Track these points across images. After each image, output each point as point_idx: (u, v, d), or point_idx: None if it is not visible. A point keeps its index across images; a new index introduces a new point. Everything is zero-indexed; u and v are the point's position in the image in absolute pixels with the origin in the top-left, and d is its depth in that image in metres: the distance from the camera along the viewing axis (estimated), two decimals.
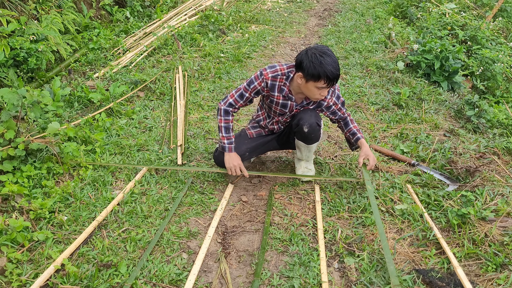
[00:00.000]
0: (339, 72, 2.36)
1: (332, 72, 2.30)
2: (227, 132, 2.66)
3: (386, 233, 2.41)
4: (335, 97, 2.65)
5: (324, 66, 2.29)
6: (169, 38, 5.36)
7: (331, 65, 2.30)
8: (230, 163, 2.67)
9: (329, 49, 2.38)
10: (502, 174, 2.91)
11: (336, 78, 2.35)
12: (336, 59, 2.35)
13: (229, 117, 2.65)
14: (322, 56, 2.30)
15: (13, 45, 3.77)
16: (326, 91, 2.43)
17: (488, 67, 4.87)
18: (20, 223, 2.20)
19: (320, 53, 2.32)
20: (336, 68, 2.32)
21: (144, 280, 2.05)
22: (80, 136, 3.11)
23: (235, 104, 2.63)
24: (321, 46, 2.39)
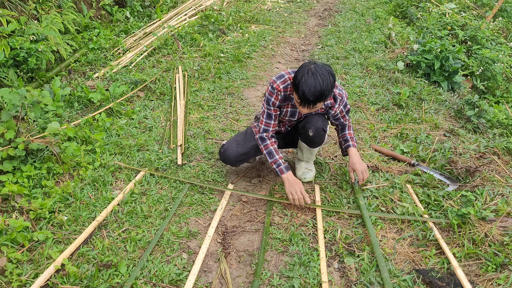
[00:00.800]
0: (313, 98, 2.21)
1: (304, 93, 2.21)
2: (272, 157, 2.57)
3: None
4: (342, 105, 2.59)
5: (302, 84, 2.22)
6: (169, 38, 5.36)
7: (308, 87, 2.20)
8: (290, 188, 2.52)
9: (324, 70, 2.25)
10: (502, 174, 2.91)
11: (308, 102, 2.24)
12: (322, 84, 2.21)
13: (267, 142, 2.58)
14: (308, 74, 2.22)
15: (13, 45, 3.77)
16: (305, 109, 2.33)
17: (488, 67, 4.87)
18: (20, 223, 2.20)
19: (312, 71, 2.23)
20: (310, 93, 2.20)
21: (144, 280, 2.05)
22: (80, 136, 3.11)
23: (268, 128, 2.57)
24: (321, 65, 2.29)
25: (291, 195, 2.52)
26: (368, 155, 3.17)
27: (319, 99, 2.24)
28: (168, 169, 2.96)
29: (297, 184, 2.54)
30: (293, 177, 2.56)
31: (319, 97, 2.23)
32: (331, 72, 2.28)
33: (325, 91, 2.23)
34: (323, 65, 2.29)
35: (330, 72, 2.27)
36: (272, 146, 2.59)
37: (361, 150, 3.24)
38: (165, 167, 2.97)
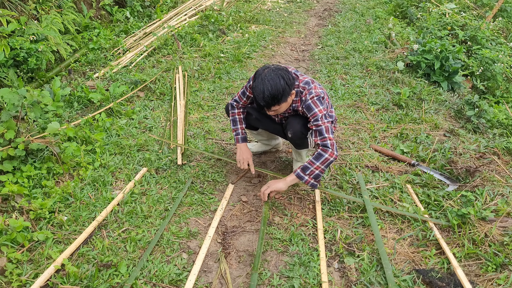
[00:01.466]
0: (263, 103, 2.27)
1: (256, 98, 2.30)
2: (234, 125, 2.76)
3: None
4: (305, 107, 2.41)
5: (253, 90, 2.31)
6: (169, 38, 5.36)
7: (257, 92, 2.27)
8: (239, 156, 2.74)
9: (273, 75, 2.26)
10: (502, 174, 2.91)
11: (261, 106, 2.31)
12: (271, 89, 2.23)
13: (235, 110, 2.75)
14: (258, 80, 2.28)
15: (13, 45, 3.77)
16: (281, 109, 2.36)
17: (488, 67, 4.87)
18: (20, 223, 2.20)
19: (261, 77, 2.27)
20: (260, 98, 2.26)
21: (144, 280, 2.05)
22: (80, 136, 3.11)
23: (239, 100, 2.72)
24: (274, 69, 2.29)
25: (238, 162, 2.75)
26: (368, 155, 3.17)
27: (271, 104, 2.28)
28: (168, 169, 2.95)
29: (246, 154, 2.74)
30: (245, 147, 2.75)
31: (269, 101, 2.27)
32: (283, 76, 2.27)
33: (276, 95, 2.25)
34: (276, 69, 2.29)
35: (281, 76, 2.26)
36: (238, 115, 2.75)
37: (361, 150, 3.24)
38: (165, 167, 2.97)
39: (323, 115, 2.37)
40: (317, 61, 5.24)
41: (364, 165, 3.05)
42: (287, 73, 2.31)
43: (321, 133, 2.37)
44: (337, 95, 4.22)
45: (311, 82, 2.46)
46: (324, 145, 2.35)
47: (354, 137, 3.46)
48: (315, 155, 2.37)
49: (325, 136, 2.36)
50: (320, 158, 2.35)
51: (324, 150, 2.35)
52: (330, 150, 2.34)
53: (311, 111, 2.39)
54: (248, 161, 2.74)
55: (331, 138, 2.35)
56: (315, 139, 2.40)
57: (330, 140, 2.35)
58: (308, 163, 2.37)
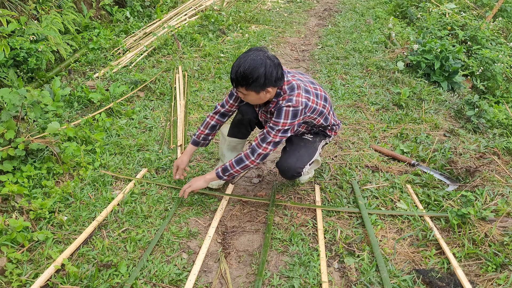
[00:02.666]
0: (233, 75, 2.17)
1: (232, 69, 2.19)
2: (201, 125, 2.62)
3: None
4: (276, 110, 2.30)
5: (235, 61, 2.20)
6: (169, 38, 5.36)
7: (235, 64, 2.17)
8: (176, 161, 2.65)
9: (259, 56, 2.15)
10: (502, 174, 2.91)
11: (232, 80, 2.21)
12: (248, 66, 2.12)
13: (210, 113, 2.61)
14: (243, 54, 2.19)
15: (13, 45, 3.77)
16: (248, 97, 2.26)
17: (488, 67, 4.87)
18: (20, 223, 2.20)
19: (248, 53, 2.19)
20: (234, 70, 2.16)
21: (144, 280, 2.05)
22: (80, 136, 3.11)
23: (225, 104, 2.57)
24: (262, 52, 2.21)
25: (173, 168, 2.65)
26: (368, 155, 3.17)
27: (239, 82, 2.16)
28: (168, 169, 2.95)
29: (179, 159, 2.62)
30: (185, 152, 2.63)
31: (239, 78, 2.14)
32: (266, 66, 2.13)
33: (247, 76, 2.12)
34: (266, 57, 2.17)
35: (265, 64, 2.13)
36: (208, 118, 2.60)
37: (361, 150, 3.24)
38: (165, 167, 2.97)
39: (283, 130, 2.27)
40: (317, 61, 5.24)
41: (364, 165, 3.05)
42: (274, 68, 2.17)
43: (263, 139, 2.30)
44: (337, 95, 4.22)
45: (297, 88, 2.28)
46: (252, 149, 2.33)
47: (354, 137, 3.46)
48: (237, 159, 2.35)
49: (262, 144, 2.30)
50: (241, 163, 2.35)
51: (247, 156, 2.33)
52: (252, 158, 2.32)
53: (278, 117, 2.26)
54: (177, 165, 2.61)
55: (265, 149, 2.30)
56: (255, 138, 2.35)
57: (261, 149, 2.30)
58: (229, 165, 2.37)
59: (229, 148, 2.75)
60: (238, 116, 2.62)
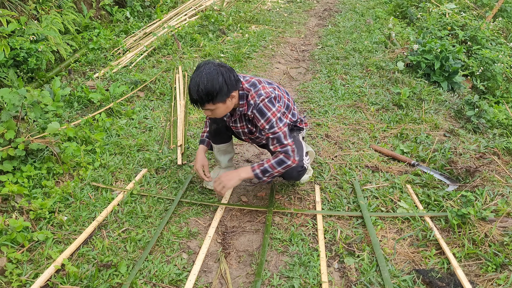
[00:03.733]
0: (196, 96, 2.12)
1: (189, 91, 2.14)
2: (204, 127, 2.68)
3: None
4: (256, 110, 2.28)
5: (189, 84, 2.15)
6: (169, 38, 5.36)
7: (192, 85, 2.13)
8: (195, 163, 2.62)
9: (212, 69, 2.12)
10: (502, 174, 2.91)
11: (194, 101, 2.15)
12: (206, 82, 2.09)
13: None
14: (195, 73, 2.15)
15: (13, 45, 3.77)
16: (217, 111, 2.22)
17: (488, 67, 4.87)
18: (20, 223, 2.20)
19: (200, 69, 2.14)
20: (194, 91, 2.12)
21: (144, 280, 2.05)
22: (80, 136, 3.11)
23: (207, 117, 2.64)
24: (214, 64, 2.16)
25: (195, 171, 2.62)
26: (368, 155, 3.17)
27: (205, 100, 2.12)
28: (168, 169, 2.95)
29: (199, 162, 2.59)
30: (200, 154, 2.61)
31: (203, 97, 2.11)
32: (223, 73, 2.13)
33: (210, 91, 2.10)
34: (218, 65, 2.16)
35: (221, 72, 2.13)
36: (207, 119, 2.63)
37: (361, 150, 3.24)
38: (165, 167, 2.97)
39: (278, 119, 2.26)
40: (317, 61, 5.24)
41: (364, 165, 3.05)
42: (230, 72, 2.17)
43: (279, 140, 2.28)
44: (337, 95, 4.22)
45: (258, 83, 2.31)
46: (286, 152, 2.29)
47: (354, 137, 3.46)
48: (278, 160, 2.29)
49: (284, 143, 2.28)
50: (282, 164, 2.30)
51: (287, 157, 2.29)
52: (293, 157, 2.29)
53: (264, 115, 2.25)
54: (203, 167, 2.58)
55: (290, 144, 2.28)
56: (274, 147, 2.30)
57: (290, 146, 2.28)
58: (269, 166, 2.30)
59: (221, 153, 2.75)
60: (213, 126, 2.59)
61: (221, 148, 2.72)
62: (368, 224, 2.42)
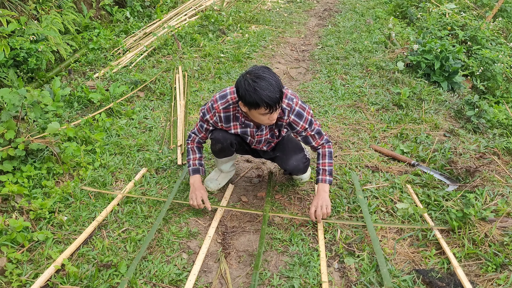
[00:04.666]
0: (278, 94, 2.07)
1: (269, 97, 2.04)
2: (187, 155, 2.55)
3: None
4: (294, 115, 2.29)
5: (259, 93, 2.03)
6: (169, 38, 5.36)
7: (267, 89, 2.04)
8: (192, 193, 2.50)
9: (265, 71, 2.10)
10: (502, 174, 2.91)
11: (276, 102, 2.08)
12: (274, 81, 2.07)
13: (189, 140, 2.56)
14: (256, 82, 2.04)
15: (13, 45, 3.77)
16: (275, 115, 2.17)
17: (488, 67, 4.87)
18: (20, 223, 2.20)
19: (254, 78, 2.06)
20: (273, 92, 2.04)
21: (144, 280, 2.05)
22: (80, 136, 3.11)
23: (198, 133, 2.52)
24: (256, 69, 2.11)
25: (191, 200, 2.48)
26: (368, 155, 3.17)
27: (278, 102, 2.09)
28: (168, 169, 2.96)
29: (199, 191, 2.49)
30: (198, 183, 2.52)
31: (279, 97, 2.08)
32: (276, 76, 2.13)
33: (281, 91, 2.10)
34: (256, 68, 2.13)
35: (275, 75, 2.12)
36: (191, 145, 2.56)
37: (361, 150, 3.24)
38: (165, 167, 2.97)
39: (311, 115, 2.37)
40: (317, 61, 5.24)
41: (364, 165, 3.05)
42: None
43: (320, 133, 2.44)
44: (337, 95, 4.22)
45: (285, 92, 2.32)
46: (327, 141, 2.47)
47: (354, 137, 3.46)
48: (328, 154, 2.46)
49: (323, 134, 2.46)
50: (331, 155, 2.48)
51: (329, 146, 2.47)
52: (330, 143, 2.49)
53: (302, 117, 2.30)
54: (202, 197, 2.48)
55: (326, 134, 2.48)
56: (317, 142, 2.45)
57: (326, 136, 2.48)
58: (329, 165, 2.45)
59: (223, 162, 2.73)
60: (218, 146, 2.49)
61: (224, 161, 2.71)
62: (367, 218, 2.42)
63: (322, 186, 2.45)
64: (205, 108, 2.38)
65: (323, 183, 2.45)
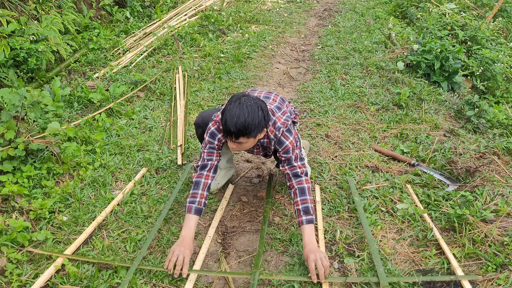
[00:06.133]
0: (234, 129, 2.00)
1: (226, 123, 2.02)
2: (195, 188, 2.25)
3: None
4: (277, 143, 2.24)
5: (226, 113, 2.03)
6: (169, 38, 5.36)
7: (231, 116, 2.01)
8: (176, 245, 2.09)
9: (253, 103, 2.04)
10: (502, 174, 2.91)
11: (230, 133, 2.03)
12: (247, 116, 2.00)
13: (203, 171, 2.28)
14: (235, 103, 2.03)
15: (13, 45, 3.77)
16: (231, 143, 2.12)
17: (488, 67, 4.87)
18: (20, 223, 2.20)
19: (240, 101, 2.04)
20: (232, 123, 2.00)
21: (144, 280, 2.05)
22: (80, 136, 3.11)
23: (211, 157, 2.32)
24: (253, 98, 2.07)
25: (170, 255, 2.06)
26: (368, 155, 3.17)
27: (242, 133, 2.02)
28: (168, 169, 2.95)
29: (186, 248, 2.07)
30: (190, 238, 2.13)
31: (241, 129, 2.01)
32: (262, 108, 2.07)
33: (249, 125, 2.01)
34: (256, 99, 2.09)
35: (261, 107, 2.06)
36: (205, 179, 2.27)
37: (361, 150, 3.24)
38: (165, 167, 2.97)
39: (294, 147, 2.25)
40: (317, 61, 5.24)
41: (364, 165, 3.05)
42: (266, 107, 2.12)
43: (290, 161, 2.26)
44: (337, 95, 4.22)
45: (272, 114, 2.25)
46: (295, 174, 2.25)
47: (354, 137, 3.46)
48: (299, 192, 2.21)
49: (295, 165, 2.26)
50: (305, 191, 2.22)
51: (299, 183, 2.24)
52: (305, 177, 2.25)
53: (282, 144, 2.24)
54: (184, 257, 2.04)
55: (300, 166, 2.25)
56: (283, 168, 2.28)
57: (299, 169, 2.25)
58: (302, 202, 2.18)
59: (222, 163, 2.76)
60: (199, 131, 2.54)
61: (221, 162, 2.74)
62: (362, 219, 2.42)
63: (305, 232, 2.14)
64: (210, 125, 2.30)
65: (302, 225, 2.15)
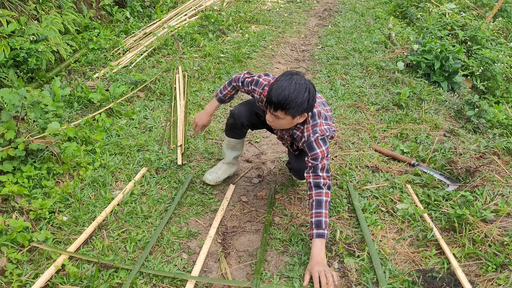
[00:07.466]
0: (275, 99, 2.03)
1: (271, 92, 2.05)
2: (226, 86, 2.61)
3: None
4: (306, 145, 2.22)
5: (274, 83, 2.08)
6: (169, 38, 5.36)
7: (277, 86, 2.04)
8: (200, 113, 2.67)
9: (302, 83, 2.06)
10: (502, 174, 2.91)
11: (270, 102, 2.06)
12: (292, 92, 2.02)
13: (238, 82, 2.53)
14: (286, 77, 2.08)
15: (13, 45, 3.77)
16: (268, 114, 2.15)
17: (488, 67, 4.87)
18: (20, 223, 2.20)
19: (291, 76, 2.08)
20: (276, 93, 2.03)
21: (144, 280, 2.05)
22: (80, 136, 3.11)
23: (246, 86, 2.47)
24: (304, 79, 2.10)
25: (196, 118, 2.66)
26: (368, 155, 3.17)
27: (282, 106, 2.03)
28: (168, 169, 2.96)
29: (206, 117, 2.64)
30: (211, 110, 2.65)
31: (282, 102, 2.02)
32: (310, 90, 2.06)
33: (291, 101, 2.02)
34: (306, 80, 2.10)
35: (308, 89, 2.06)
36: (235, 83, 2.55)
37: (361, 150, 3.24)
38: (165, 167, 2.97)
39: (324, 157, 2.19)
40: (317, 61, 5.24)
41: (364, 165, 3.05)
42: (314, 93, 2.11)
43: (316, 171, 2.19)
44: (337, 95, 4.22)
45: (318, 116, 2.23)
46: (317, 185, 2.18)
47: (354, 137, 3.46)
48: (315, 204, 2.15)
49: (321, 175, 2.18)
50: (321, 204, 2.15)
51: (318, 194, 2.17)
52: (325, 190, 2.18)
53: (312, 150, 2.19)
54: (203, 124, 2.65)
55: (325, 177, 2.18)
56: (307, 176, 2.22)
57: (323, 180, 2.18)
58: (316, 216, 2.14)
59: (229, 147, 2.76)
60: (230, 120, 2.62)
61: (231, 142, 2.73)
62: (362, 223, 2.43)
63: (314, 245, 2.12)
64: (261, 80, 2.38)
65: (312, 239, 2.14)
